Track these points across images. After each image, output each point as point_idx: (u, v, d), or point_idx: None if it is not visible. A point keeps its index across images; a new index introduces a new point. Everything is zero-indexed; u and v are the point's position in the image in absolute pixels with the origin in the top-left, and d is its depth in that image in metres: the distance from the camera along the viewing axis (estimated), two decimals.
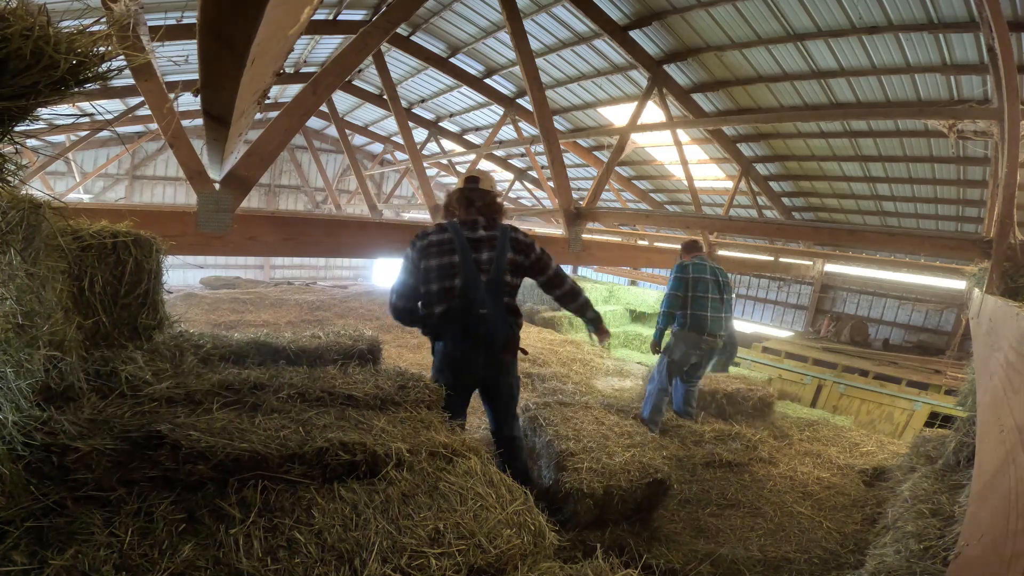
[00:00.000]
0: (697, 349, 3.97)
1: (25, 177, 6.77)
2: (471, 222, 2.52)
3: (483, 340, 2.48)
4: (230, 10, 1.12)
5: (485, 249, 2.48)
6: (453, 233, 2.47)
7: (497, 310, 2.48)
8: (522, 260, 2.57)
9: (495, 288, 2.48)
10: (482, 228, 2.52)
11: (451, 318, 2.46)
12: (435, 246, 2.46)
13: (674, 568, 2.36)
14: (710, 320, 3.92)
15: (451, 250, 2.44)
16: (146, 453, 1.47)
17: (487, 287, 2.45)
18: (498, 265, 2.48)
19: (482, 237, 2.50)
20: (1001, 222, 3.57)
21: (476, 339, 2.47)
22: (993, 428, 1.55)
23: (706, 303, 3.96)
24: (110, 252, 2.14)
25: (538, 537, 1.48)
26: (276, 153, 3.33)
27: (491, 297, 2.46)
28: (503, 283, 2.51)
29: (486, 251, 2.48)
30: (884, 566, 1.90)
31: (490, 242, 2.50)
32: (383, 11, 3.79)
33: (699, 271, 4.02)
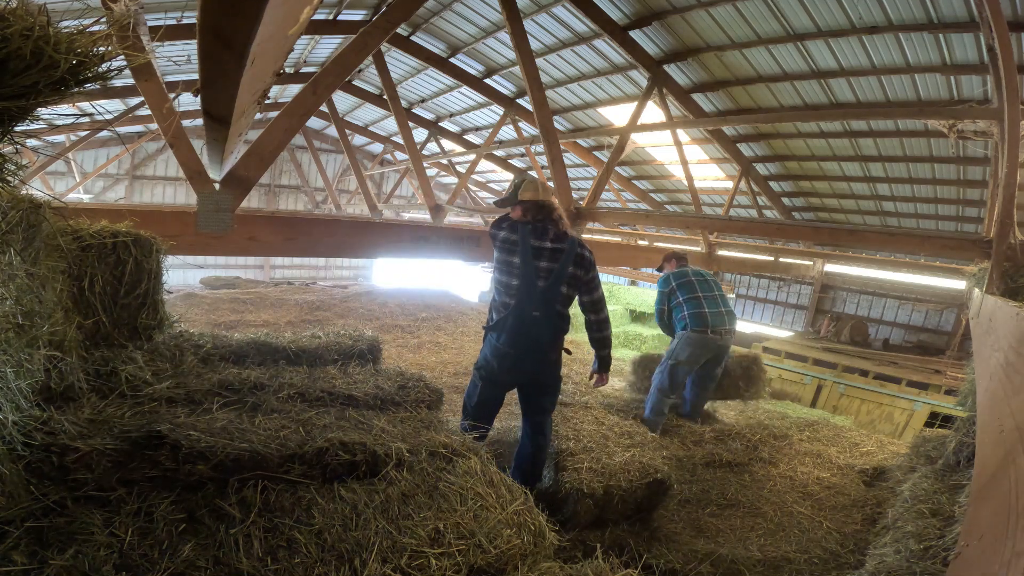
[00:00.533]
0: (705, 349, 3.91)
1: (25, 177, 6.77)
2: (541, 229, 2.67)
3: (532, 340, 2.63)
4: (230, 10, 1.12)
5: (546, 259, 2.63)
6: (520, 236, 2.64)
7: (549, 316, 2.63)
8: (581, 275, 2.70)
9: (550, 296, 2.62)
10: (550, 240, 2.66)
11: (508, 315, 2.62)
12: (503, 242, 2.67)
13: (674, 568, 2.36)
14: (710, 316, 3.89)
15: (513, 248, 2.63)
16: (146, 453, 1.47)
17: (543, 293, 2.60)
18: (557, 276, 2.63)
19: (546, 248, 2.64)
20: (1001, 222, 3.57)
21: (527, 339, 2.61)
22: (993, 428, 1.55)
23: (700, 301, 3.94)
24: (110, 252, 2.14)
25: (538, 537, 1.48)
26: (276, 153, 3.33)
27: (544, 303, 2.61)
28: (558, 293, 2.65)
29: (546, 260, 2.63)
30: (884, 566, 1.90)
31: (553, 254, 2.64)
32: (383, 11, 3.78)
33: (680, 276, 4.04)
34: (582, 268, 2.70)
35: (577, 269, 2.68)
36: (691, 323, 3.93)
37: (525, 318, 2.59)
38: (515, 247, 2.63)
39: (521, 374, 2.73)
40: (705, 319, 3.90)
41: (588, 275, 2.72)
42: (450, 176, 14.36)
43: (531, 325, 2.60)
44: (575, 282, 2.69)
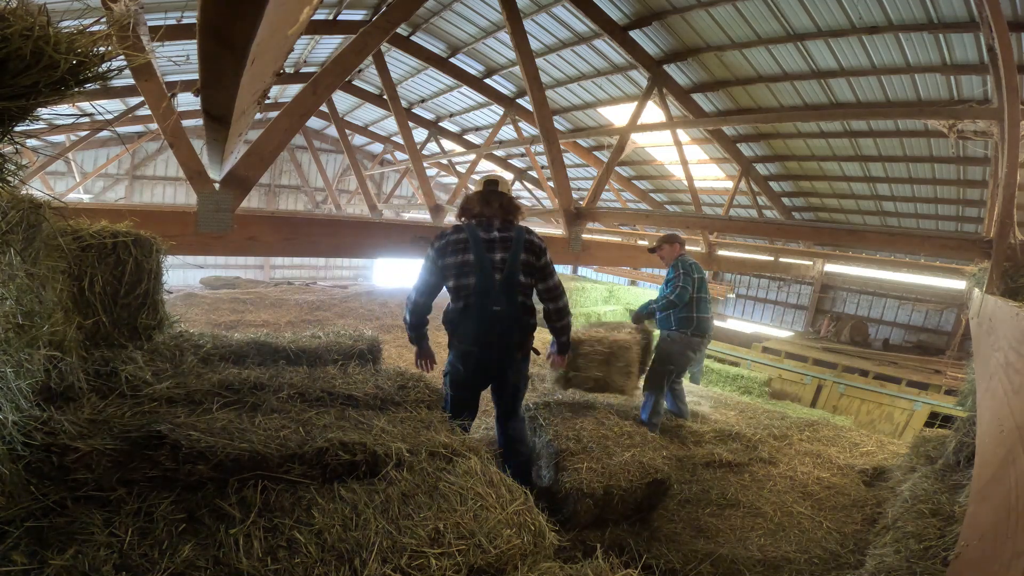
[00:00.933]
0: (690, 349, 3.97)
1: (25, 177, 6.78)
2: (487, 223, 2.61)
3: (496, 336, 2.55)
4: (230, 10, 1.12)
5: (499, 249, 2.56)
6: (468, 233, 2.56)
7: (511, 308, 2.55)
8: (534, 261, 2.64)
9: (509, 287, 2.55)
10: (496, 229, 2.60)
11: (467, 314, 2.54)
12: (451, 245, 2.55)
13: (674, 568, 2.36)
14: (698, 320, 3.93)
15: (465, 249, 2.54)
16: (146, 453, 1.47)
17: (501, 286, 2.53)
18: (511, 265, 2.56)
19: (495, 238, 2.58)
20: (1001, 222, 3.57)
21: (490, 335, 2.54)
22: (993, 428, 1.55)
23: (707, 305, 3.97)
24: (110, 252, 2.14)
25: (538, 537, 1.48)
26: (276, 153, 3.33)
27: (505, 296, 2.53)
28: (517, 283, 2.58)
29: (499, 251, 2.56)
30: (884, 566, 1.90)
31: (504, 243, 2.58)
32: (383, 11, 3.78)
33: (700, 271, 4.00)
34: (533, 254, 2.63)
35: (529, 255, 2.61)
36: (679, 325, 3.90)
37: (486, 314, 2.51)
38: (465, 245, 2.54)
39: (488, 374, 2.68)
40: (707, 326, 3.94)
41: (540, 261, 2.65)
42: (450, 176, 14.35)
43: (494, 321, 2.52)
44: (531, 270, 2.63)
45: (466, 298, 2.54)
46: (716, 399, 5.16)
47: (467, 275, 2.53)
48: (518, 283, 2.58)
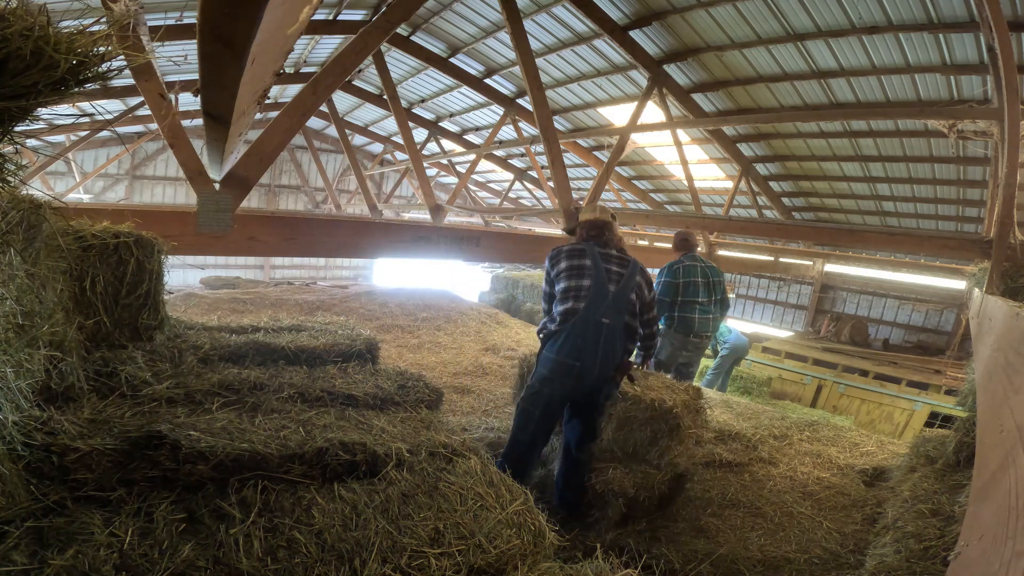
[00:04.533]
0: (684, 349, 4.01)
1: (25, 177, 6.78)
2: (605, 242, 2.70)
3: (600, 350, 2.47)
4: (230, 10, 1.12)
5: (616, 264, 2.62)
6: (587, 246, 2.64)
7: (618, 324, 2.53)
8: (645, 292, 2.68)
9: (620, 302, 2.54)
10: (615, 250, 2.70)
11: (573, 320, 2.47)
12: (565, 252, 2.62)
13: (674, 568, 2.36)
14: (698, 322, 3.96)
15: (583, 255, 2.59)
16: (146, 453, 1.47)
17: (613, 298, 2.52)
18: (627, 283, 2.59)
19: (613, 255, 2.66)
20: (1001, 222, 3.57)
21: (594, 348, 2.45)
22: (993, 428, 1.55)
23: (694, 306, 3.99)
24: (112, 252, 2.14)
25: (538, 537, 1.48)
26: (276, 153, 3.33)
27: (614, 310, 2.51)
28: (628, 300, 2.58)
29: (616, 266, 2.61)
30: (884, 566, 1.90)
31: (621, 261, 2.65)
32: (383, 11, 3.78)
33: (690, 274, 4.01)
34: (647, 285, 2.69)
35: (643, 279, 2.67)
36: (676, 324, 4.03)
37: (591, 323, 2.44)
38: (584, 254, 2.59)
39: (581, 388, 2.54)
40: (691, 325, 4.00)
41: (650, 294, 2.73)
42: (450, 176, 14.35)
43: (598, 332, 2.44)
44: (640, 294, 2.64)
45: (576, 300, 2.49)
46: (716, 399, 5.15)
47: (582, 277, 2.53)
48: (628, 300, 2.58)
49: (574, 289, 2.50)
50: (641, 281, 2.65)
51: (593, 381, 2.53)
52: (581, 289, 2.49)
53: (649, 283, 2.72)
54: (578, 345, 2.44)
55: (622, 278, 2.57)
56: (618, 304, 2.52)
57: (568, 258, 2.59)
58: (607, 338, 2.47)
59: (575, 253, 2.60)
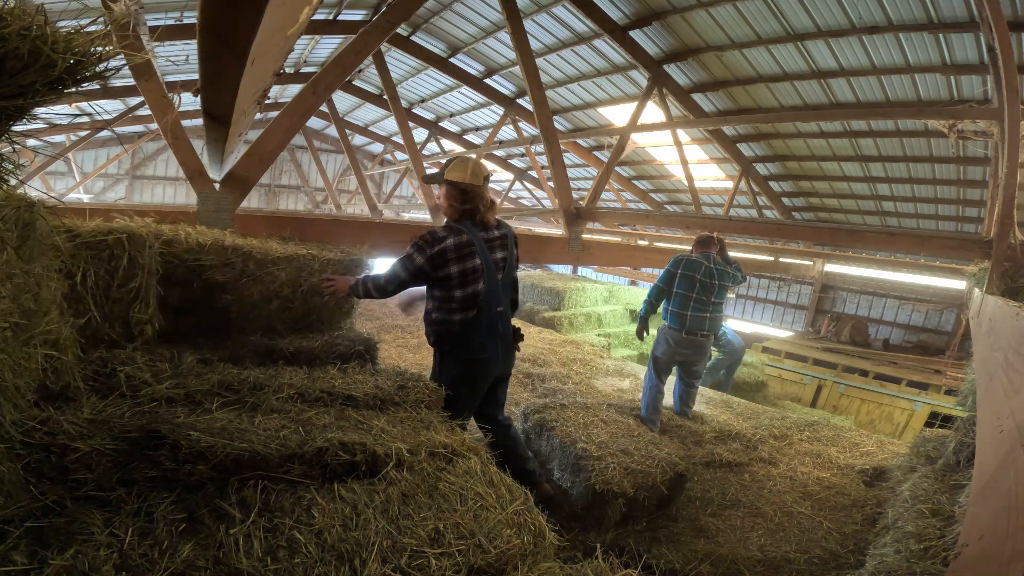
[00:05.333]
0: (679, 347, 4.00)
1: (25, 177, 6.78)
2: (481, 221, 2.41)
3: (501, 336, 2.50)
4: (230, 10, 1.12)
5: (498, 248, 2.46)
6: (471, 235, 2.34)
7: (507, 306, 2.54)
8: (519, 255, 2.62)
9: (507, 285, 2.52)
10: (495, 228, 2.47)
11: (476, 323, 2.40)
12: (453, 251, 2.31)
13: (674, 568, 2.36)
14: (690, 319, 3.96)
15: (472, 254, 2.34)
16: (146, 453, 1.47)
17: (502, 285, 2.47)
18: (510, 263, 2.51)
19: (495, 237, 2.46)
20: (1001, 222, 3.57)
21: (497, 338, 2.49)
22: (993, 428, 1.55)
23: (687, 301, 3.98)
24: (104, 248, 2.14)
25: (538, 537, 1.47)
26: (276, 153, 3.33)
27: (504, 294, 2.50)
28: (514, 280, 2.57)
29: (499, 250, 2.47)
30: (884, 566, 1.89)
31: (501, 240, 2.48)
32: (383, 11, 3.78)
33: (691, 268, 4.01)
34: (518, 247, 2.60)
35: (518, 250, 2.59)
36: (670, 321, 4.07)
37: (493, 318, 2.42)
38: (473, 252, 2.34)
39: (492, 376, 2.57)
40: (682, 321, 3.99)
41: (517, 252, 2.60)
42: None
43: (498, 321, 2.45)
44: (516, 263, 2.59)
45: (475, 306, 2.38)
46: (716, 399, 5.16)
47: (475, 282, 2.35)
48: (514, 280, 2.57)
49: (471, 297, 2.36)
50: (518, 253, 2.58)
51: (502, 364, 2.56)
52: (477, 295, 2.37)
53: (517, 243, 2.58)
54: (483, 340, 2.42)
55: (506, 262, 2.47)
56: (506, 289, 2.50)
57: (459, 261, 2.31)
58: (503, 323, 2.49)
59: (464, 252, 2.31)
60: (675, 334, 4.00)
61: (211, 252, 2.54)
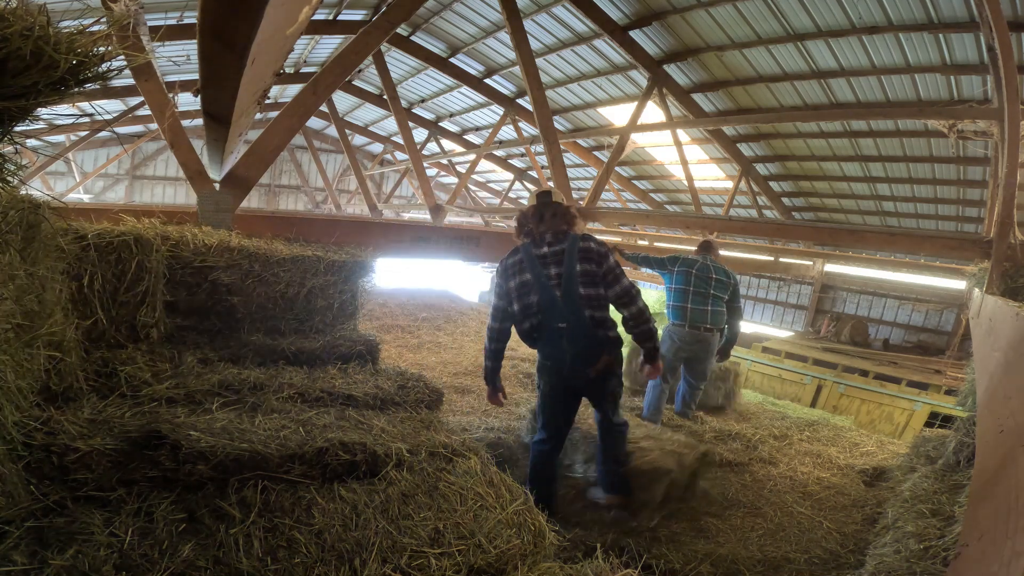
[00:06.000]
0: (684, 342, 3.97)
1: (25, 177, 6.78)
2: (539, 238, 2.57)
3: (567, 352, 2.50)
4: (230, 10, 1.12)
5: (552, 264, 2.50)
6: (523, 253, 2.57)
7: (578, 324, 2.46)
8: (595, 270, 2.48)
9: (571, 302, 2.46)
10: (547, 244, 2.54)
11: (535, 333, 2.57)
12: (511, 268, 2.57)
13: (674, 568, 2.36)
14: (691, 311, 3.95)
15: (523, 269, 2.53)
16: (146, 453, 1.47)
17: (563, 302, 2.47)
18: (568, 279, 2.46)
19: (546, 253, 2.52)
20: (1001, 222, 3.57)
21: (560, 351, 2.52)
22: (993, 428, 1.55)
23: (686, 295, 3.97)
24: (111, 252, 2.14)
25: (538, 537, 1.48)
26: (276, 153, 3.33)
27: (569, 311, 2.46)
28: (579, 296, 2.46)
29: (553, 266, 2.50)
30: (884, 566, 1.89)
31: (556, 256, 2.51)
32: (383, 11, 3.78)
33: (686, 265, 4.03)
34: (593, 262, 2.48)
35: (587, 264, 2.47)
36: (671, 316, 4.08)
37: (553, 332, 2.50)
38: (523, 268, 2.53)
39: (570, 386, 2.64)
40: (684, 314, 3.97)
41: (602, 268, 2.48)
42: (450, 176, 14.35)
43: (559, 337, 2.48)
44: (593, 279, 2.47)
45: (532, 317, 2.53)
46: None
47: (528, 294, 2.51)
48: (579, 296, 2.45)
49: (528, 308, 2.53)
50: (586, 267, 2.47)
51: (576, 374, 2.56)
52: (532, 306, 2.52)
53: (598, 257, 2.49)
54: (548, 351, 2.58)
55: (561, 278, 2.47)
56: (569, 306, 2.45)
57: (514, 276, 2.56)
58: (569, 339, 2.49)
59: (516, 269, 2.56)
60: (678, 329, 3.97)
61: (217, 253, 2.55)
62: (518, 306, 2.55)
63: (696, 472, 3.05)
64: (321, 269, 2.88)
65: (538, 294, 2.49)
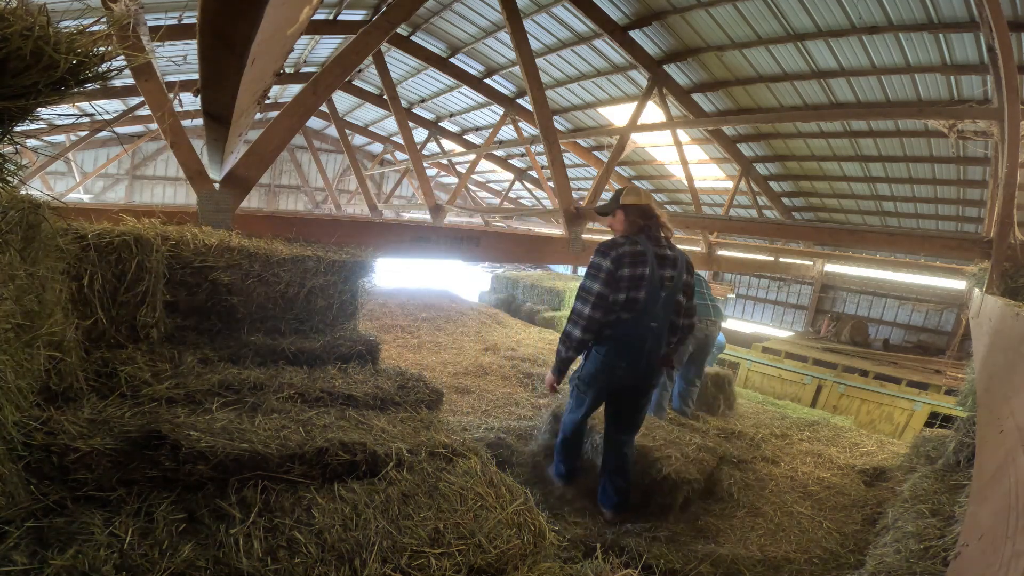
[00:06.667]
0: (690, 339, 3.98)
1: (25, 177, 6.78)
2: (657, 238, 2.57)
3: (645, 352, 2.52)
4: (230, 10, 1.12)
5: (668, 267, 2.53)
6: (645, 247, 2.50)
7: (663, 327, 2.54)
8: (691, 282, 2.64)
9: (669, 306, 2.54)
10: (667, 247, 2.58)
11: (624, 328, 2.49)
12: (628, 256, 2.46)
13: (674, 568, 2.36)
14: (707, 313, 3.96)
15: (643, 262, 2.47)
16: (146, 453, 1.47)
17: (664, 303, 2.51)
18: (676, 284, 2.54)
19: (667, 255, 2.55)
20: (1001, 222, 3.57)
21: (640, 351, 2.51)
22: (993, 428, 1.55)
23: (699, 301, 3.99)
24: (111, 252, 2.14)
25: (538, 537, 1.48)
26: (276, 153, 3.33)
27: (663, 313, 2.52)
28: (676, 302, 2.58)
29: (669, 269, 2.53)
30: (884, 566, 1.89)
31: (673, 261, 2.55)
32: (383, 11, 3.78)
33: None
34: (691, 275, 2.65)
35: (688, 276, 2.62)
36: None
37: (641, 327, 2.47)
38: (644, 261, 2.46)
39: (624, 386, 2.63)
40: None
41: (692, 281, 2.68)
42: (450, 176, 14.35)
43: (645, 335, 2.49)
44: (688, 291, 2.63)
45: (628, 311, 2.46)
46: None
47: (638, 288, 2.45)
48: (677, 303, 2.58)
49: (631, 301, 2.46)
50: (687, 278, 2.61)
51: (638, 377, 2.59)
52: (637, 302, 2.45)
53: (692, 273, 2.66)
54: (626, 348, 2.50)
55: (673, 281, 2.52)
56: (667, 309, 2.53)
57: (631, 266, 2.44)
58: (653, 340, 2.51)
59: (637, 259, 2.46)
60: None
61: (217, 253, 2.55)
62: (624, 296, 2.45)
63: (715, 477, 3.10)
64: (321, 269, 2.88)
65: (647, 291, 2.45)
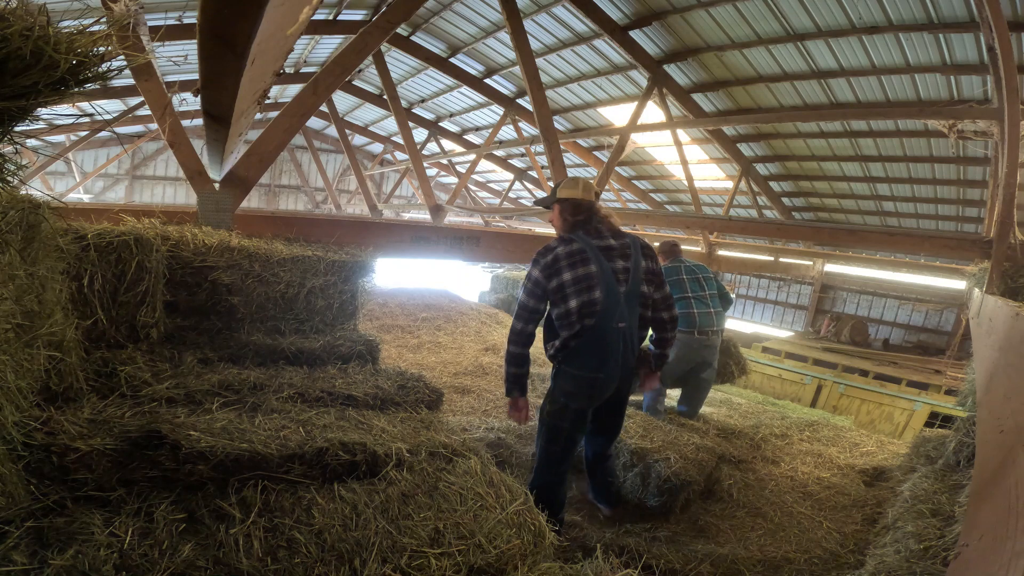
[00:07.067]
0: (691, 350, 3.86)
1: (25, 177, 6.78)
2: (597, 230, 2.30)
3: (621, 356, 2.25)
4: (230, 10, 1.12)
5: (619, 258, 2.26)
6: (582, 243, 2.24)
7: (633, 323, 2.27)
8: (653, 267, 2.36)
9: (632, 300, 2.26)
10: (610, 237, 2.30)
11: (590, 336, 2.21)
12: (568, 258, 2.20)
13: (674, 568, 2.36)
14: (698, 316, 3.82)
15: (585, 260, 2.20)
16: (146, 453, 1.47)
17: (626, 299, 2.23)
18: (635, 275, 2.26)
19: (612, 245, 2.27)
20: (1001, 222, 3.57)
21: (615, 356, 2.24)
22: (993, 428, 1.55)
23: (689, 301, 3.86)
24: (111, 252, 2.14)
25: (538, 537, 1.48)
26: (276, 153, 3.33)
27: (629, 309, 2.24)
28: (641, 294, 2.29)
29: (620, 260, 2.26)
30: (884, 566, 1.89)
31: (622, 250, 2.28)
32: (383, 11, 3.78)
33: (671, 274, 3.91)
34: (652, 260, 2.35)
35: (648, 261, 2.33)
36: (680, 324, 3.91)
37: (611, 333, 2.19)
38: (587, 259, 2.19)
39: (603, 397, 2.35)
40: (692, 320, 3.81)
41: (657, 267, 2.37)
42: (450, 176, 14.35)
43: (616, 339, 2.21)
44: (651, 278, 2.34)
45: (589, 316, 2.18)
46: (717, 398, 5.15)
47: (590, 289, 2.17)
48: (641, 294, 2.29)
49: (587, 305, 2.17)
50: (648, 264, 2.33)
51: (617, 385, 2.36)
52: (595, 304, 2.17)
53: (654, 257, 2.37)
54: (598, 357, 2.23)
55: (629, 273, 2.24)
56: (631, 303, 2.25)
57: (571, 268, 2.17)
58: (625, 341, 2.25)
59: (575, 259, 2.18)
60: (686, 337, 3.78)
61: (217, 253, 2.55)
62: (576, 303, 2.17)
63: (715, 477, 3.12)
64: (321, 269, 2.88)
65: (603, 290, 2.18)
